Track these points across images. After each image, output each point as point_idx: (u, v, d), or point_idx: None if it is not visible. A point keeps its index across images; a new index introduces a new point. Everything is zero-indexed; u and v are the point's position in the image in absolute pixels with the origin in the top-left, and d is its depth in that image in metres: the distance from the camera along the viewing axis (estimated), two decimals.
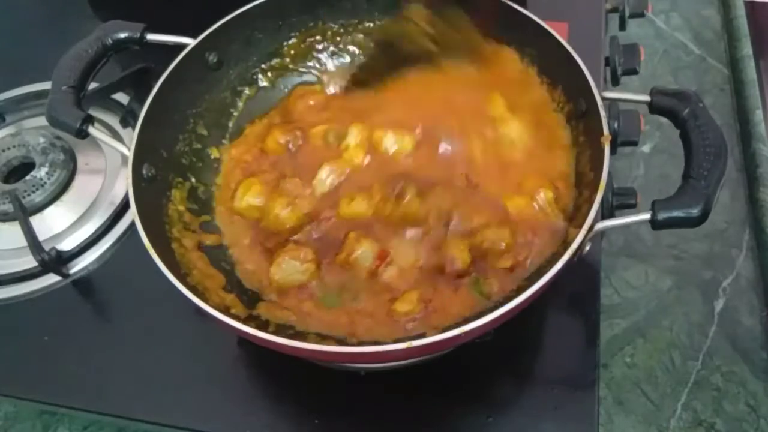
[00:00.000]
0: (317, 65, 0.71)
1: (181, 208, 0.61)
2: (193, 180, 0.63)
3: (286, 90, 0.70)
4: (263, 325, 0.54)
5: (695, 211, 0.48)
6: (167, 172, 0.61)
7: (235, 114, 0.68)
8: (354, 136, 0.63)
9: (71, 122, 0.58)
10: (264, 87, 0.70)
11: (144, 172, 0.57)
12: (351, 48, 0.70)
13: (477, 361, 0.56)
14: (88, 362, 0.60)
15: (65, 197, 0.71)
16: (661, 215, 0.48)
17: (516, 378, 0.56)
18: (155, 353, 0.59)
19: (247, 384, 0.58)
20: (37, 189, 0.71)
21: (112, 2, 0.93)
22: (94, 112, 0.75)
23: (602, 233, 0.50)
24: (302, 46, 0.70)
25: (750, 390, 0.61)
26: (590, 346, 0.56)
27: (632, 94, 0.56)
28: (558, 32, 0.59)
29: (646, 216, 0.49)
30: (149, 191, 0.57)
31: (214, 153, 0.66)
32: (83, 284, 0.66)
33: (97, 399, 0.58)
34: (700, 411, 0.60)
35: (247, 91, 0.69)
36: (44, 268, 0.65)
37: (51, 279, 0.66)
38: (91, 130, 0.59)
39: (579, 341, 0.57)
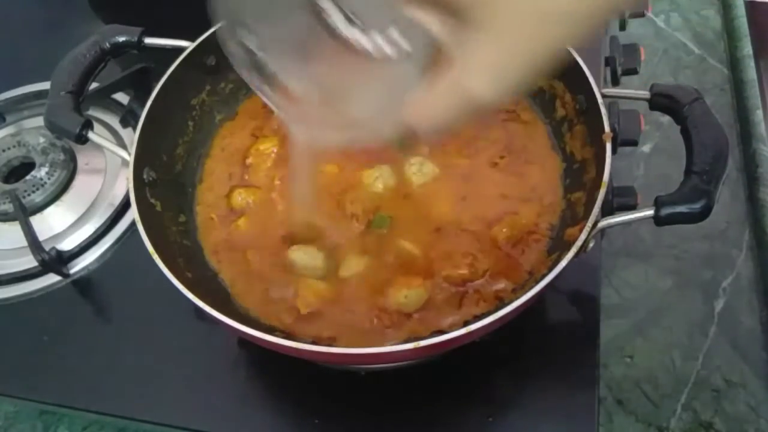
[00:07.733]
0: None
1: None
2: None
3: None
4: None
5: (698, 206, 0.48)
6: (168, 176, 0.61)
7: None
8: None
9: (71, 128, 0.58)
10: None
11: (145, 176, 0.57)
12: None
13: (477, 361, 0.55)
14: (88, 362, 0.60)
15: (65, 197, 0.71)
16: (664, 211, 0.48)
17: (516, 378, 0.56)
18: (155, 353, 0.59)
19: (247, 384, 0.58)
20: (37, 189, 0.70)
21: (112, 2, 0.93)
22: (93, 112, 0.76)
23: (602, 232, 0.50)
24: None
25: (750, 390, 0.61)
26: (590, 346, 0.56)
27: (633, 91, 0.56)
28: None
29: (650, 212, 0.49)
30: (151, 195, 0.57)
31: None
32: (83, 284, 0.66)
33: (97, 399, 0.58)
34: (700, 411, 0.60)
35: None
36: (44, 268, 0.65)
37: (51, 279, 0.66)
38: (91, 135, 0.59)
39: (579, 341, 0.57)
